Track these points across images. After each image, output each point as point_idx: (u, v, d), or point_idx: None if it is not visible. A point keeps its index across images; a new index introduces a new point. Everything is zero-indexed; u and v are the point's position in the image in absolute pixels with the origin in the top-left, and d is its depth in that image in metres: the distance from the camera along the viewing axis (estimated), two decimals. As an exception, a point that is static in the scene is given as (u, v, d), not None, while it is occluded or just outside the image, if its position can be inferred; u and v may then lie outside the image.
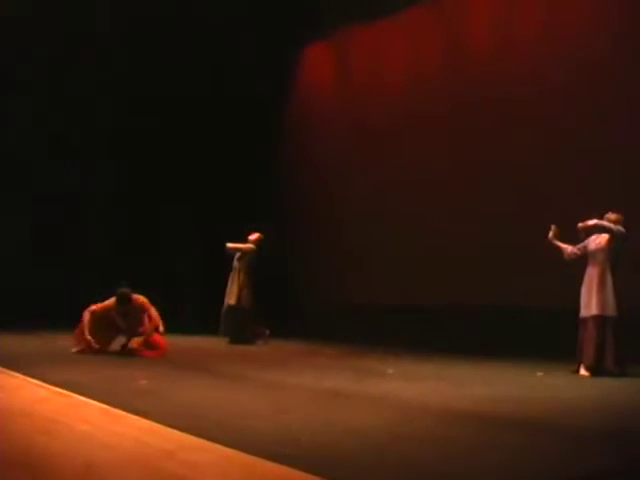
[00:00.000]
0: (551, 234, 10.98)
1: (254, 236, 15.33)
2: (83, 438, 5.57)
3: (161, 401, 7.35)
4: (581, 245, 10.65)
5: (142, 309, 12.26)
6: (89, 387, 7.96)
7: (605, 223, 10.31)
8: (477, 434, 6.05)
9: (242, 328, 14.89)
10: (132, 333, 12.36)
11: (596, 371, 10.15)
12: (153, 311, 12.24)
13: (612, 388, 9.27)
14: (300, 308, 18.22)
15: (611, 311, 10.23)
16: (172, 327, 13.06)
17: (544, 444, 5.69)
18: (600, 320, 10.24)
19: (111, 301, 12.28)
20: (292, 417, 6.60)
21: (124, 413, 6.48)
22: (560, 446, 5.63)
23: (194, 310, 12.72)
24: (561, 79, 13.48)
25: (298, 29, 18.79)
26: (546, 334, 12.36)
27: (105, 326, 12.27)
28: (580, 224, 10.44)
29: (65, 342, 12.75)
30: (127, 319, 12.33)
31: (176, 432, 5.63)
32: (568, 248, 10.82)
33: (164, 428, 5.79)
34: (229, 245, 15.23)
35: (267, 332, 14.92)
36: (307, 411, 6.99)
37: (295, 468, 4.52)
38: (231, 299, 15.00)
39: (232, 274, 15.19)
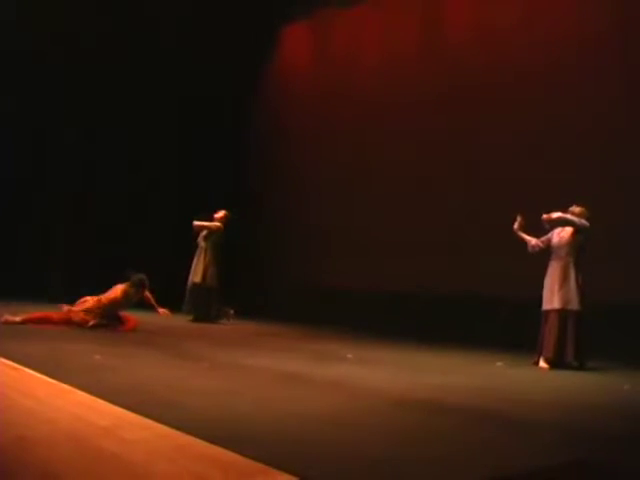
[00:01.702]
0: (516, 225, 10.97)
1: (220, 214, 15.25)
2: (24, 412, 5.50)
3: (110, 377, 7.27)
4: (545, 238, 10.65)
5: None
6: (42, 361, 7.88)
7: (569, 216, 10.31)
8: (428, 423, 6.01)
9: (206, 307, 14.83)
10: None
11: (556, 364, 10.15)
12: None
13: (569, 381, 9.28)
14: (268, 289, 18.17)
15: (573, 305, 10.23)
16: (134, 304, 12.99)
17: (492, 434, 5.68)
18: (562, 313, 10.26)
19: (121, 288, 12.38)
20: (240, 398, 6.54)
21: (70, 388, 6.42)
22: (509, 437, 5.61)
23: (156, 287, 12.58)
24: (540, 66, 13.48)
25: (277, 8, 18.68)
26: (513, 325, 12.34)
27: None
28: (544, 215, 10.42)
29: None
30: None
31: (116, 408, 5.59)
32: (532, 240, 10.81)
33: (105, 404, 5.75)
34: (196, 223, 15.14)
35: (231, 312, 14.86)
36: (256, 393, 6.93)
37: (228, 449, 4.47)
38: (196, 277, 14.92)
39: (198, 252, 15.12)
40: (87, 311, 12.17)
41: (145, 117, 19.02)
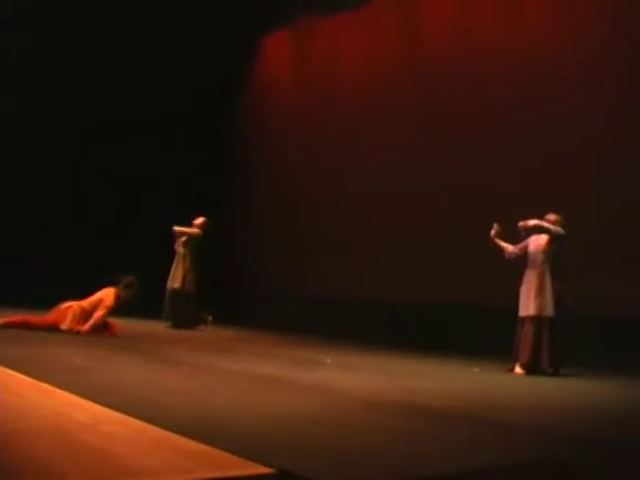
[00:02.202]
0: (493, 232, 11.09)
1: (199, 220, 15.27)
2: (6, 409, 5.58)
3: (90, 378, 7.37)
4: (521, 245, 10.78)
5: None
6: (24, 362, 7.95)
7: (544, 224, 10.44)
8: (402, 424, 6.12)
9: (185, 313, 14.84)
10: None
11: (531, 370, 10.27)
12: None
13: (543, 386, 9.43)
14: (248, 296, 18.23)
15: (548, 312, 10.35)
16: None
17: (464, 435, 5.78)
18: (537, 320, 10.37)
19: (112, 292, 12.41)
20: (218, 399, 6.65)
21: (51, 387, 6.52)
22: (483, 437, 5.73)
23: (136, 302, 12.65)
24: (521, 76, 13.61)
25: (258, 16, 18.81)
26: (491, 332, 12.42)
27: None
28: (520, 223, 10.55)
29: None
30: None
31: (97, 406, 5.70)
32: (509, 247, 10.94)
33: (86, 402, 5.86)
34: (176, 228, 15.17)
35: (210, 318, 14.88)
36: (235, 394, 7.03)
37: (205, 444, 4.57)
38: (175, 283, 14.92)
39: (176, 258, 15.12)
40: (75, 319, 12.18)
41: (130, 127, 19.11)
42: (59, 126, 18.94)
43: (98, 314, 12.22)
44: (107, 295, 12.39)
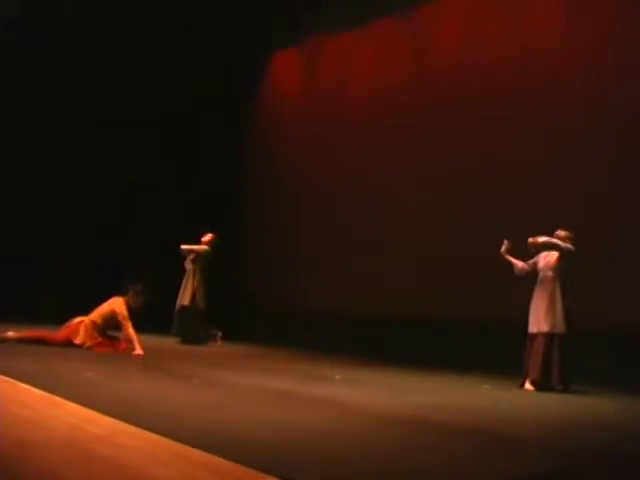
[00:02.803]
0: (503, 248, 11.09)
1: (207, 237, 15.33)
2: (21, 422, 5.64)
3: (102, 392, 7.41)
4: (531, 261, 10.80)
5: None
6: (37, 376, 8.00)
7: (554, 241, 10.46)
8: (410, 437, 6.15)
9: (195, 329, 14.88)
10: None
11: (541, 386, 10.28)
12: None
13: (553, 402, 9.43)
14: (255, 311, 18.27)
15: (560, 329, 10.36)
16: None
17: (475, 448, 5.81)
18: (548, 337, 10.38)
19: (121, 301, 12.37)
20: (229, 412, 6.69)
21: (64, 401, 6.56)
22: (492, 451, 5.76)
23: (145, 310, 12.63)
24: (528, 95, 13.63)
25: (267, 34, 18.91)
26: (500, 348, 12.41)
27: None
28: (530, 239, 10.58)
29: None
30: None
31: (112, 420, 5.73)
32: (519, 264, 10.96)
33: (101, 416, 5.89)
34: (184, 247, 15.23)
35: (219, 334, 14.92)
36: (246, 408, 7.08)
37: (218, 455, 4.61)
38: (184, 300, 14.97)
39: (186, 275, 15.18)
40: (87, 333, 12.21)
41: (144, 148, 19.20)
42: (59, 126, 19.00)
43: (127, 331, 12.17)
44: (118, 306, 12.28)
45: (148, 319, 12.91)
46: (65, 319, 12.51)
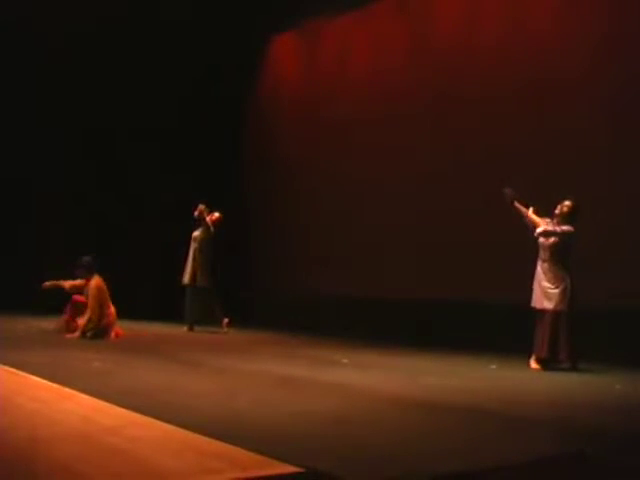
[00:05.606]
0: (508, 199, 10.91)
1: (214, 216, 15.15)
2: (31, 415, 5.64)
3: (112, 382, 7.42)
4: (545, 222, 10.58)
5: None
6: (43, 368, 8.01)
7: (550, 228, 10.40)
8: (424, 420, 6.16)
9: (210, 309, 14.73)
10: None
11: (549, 364, 10.26)
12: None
13: (562, 381, 9.41)
14: (265, 297, 18.26)
15: (565, 306, 10.32)
16: (131, 311, 13.15)
17: (490, 430, 5.82)
18: (554, 314, 10.34)
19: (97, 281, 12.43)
20: (240, 399, 6.68)
21: (74, 392, 6.57)
22: (506, 433, 5.76)
23: (153, 293, 12.64)
24: (529, 77, 13.56)
25: (266, 18, 18.85)
26: (506, 328, 12.39)
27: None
28: (507, 189, 10.62)
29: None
30: None
31: (122, 410, 5.74)
32: (528, 214, 10.75)
33: (111, 406, 5.90)
34: (202, 206, 15.01)
35: (226, 320, 14.79)
36: (256, 395, 7.07)
37: (231, 444, 4.61)
38: (185, 278, 14.85)
39: (190, 254, 15.01)
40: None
41: (145, 136, 19.16)
42: (59, 126, 18.97)
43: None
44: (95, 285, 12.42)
45: (155, 307, 12.94)
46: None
